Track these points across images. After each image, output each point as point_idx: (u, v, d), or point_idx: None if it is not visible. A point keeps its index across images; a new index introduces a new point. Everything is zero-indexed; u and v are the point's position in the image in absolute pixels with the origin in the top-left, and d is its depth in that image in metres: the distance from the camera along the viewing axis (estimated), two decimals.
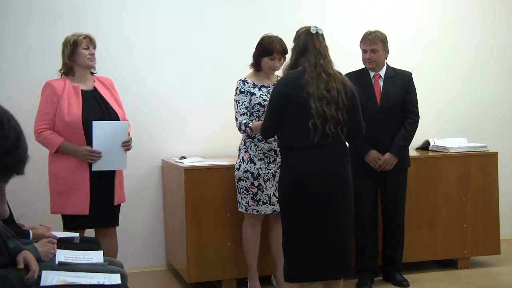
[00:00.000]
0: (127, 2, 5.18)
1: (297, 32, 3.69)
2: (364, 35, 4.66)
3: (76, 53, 4.11)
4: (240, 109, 4.33)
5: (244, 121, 4.29)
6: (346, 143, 3.70)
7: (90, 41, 4.17)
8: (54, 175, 4.13)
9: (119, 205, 4.28)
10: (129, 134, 4.19)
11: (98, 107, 4.13)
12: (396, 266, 4.76)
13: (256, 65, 4.38)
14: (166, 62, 5.28)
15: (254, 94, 4.33)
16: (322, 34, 3.64)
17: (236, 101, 4.36)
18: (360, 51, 4.68)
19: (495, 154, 5.18)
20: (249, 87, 4.35)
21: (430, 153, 5.18)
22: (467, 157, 5.11)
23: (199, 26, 5.34)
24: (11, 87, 4.84)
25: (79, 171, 4.05)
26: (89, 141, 4.03)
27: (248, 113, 4.32)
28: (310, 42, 3.57)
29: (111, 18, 5.10)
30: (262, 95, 4.33)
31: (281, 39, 4.32)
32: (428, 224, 5.00)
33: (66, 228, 4.08)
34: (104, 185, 4.13)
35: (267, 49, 4.30)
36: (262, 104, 4.29)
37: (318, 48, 3.57)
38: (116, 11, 5.13)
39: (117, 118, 4.15)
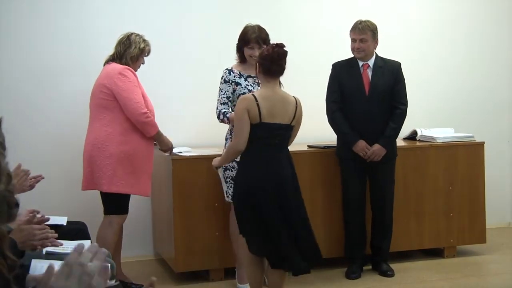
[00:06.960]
0: None
1: None
2: (354, 24, 4.64)
3: (138, 60, 4.38)
4: (222, 98, 4.35)
5: (223, 111, 4.33)
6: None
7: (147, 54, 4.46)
8: (128, 155, 4.22)
9: None
10: None
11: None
12: (383, 255, 4.77)
13: (241, 56, 4.39)
14: (153, 53, 5.23)
15: (240, 84, 4.33)
16: None
17: (220, 89, 4.38)
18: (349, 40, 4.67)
19: (481, 144, 5.21)
20: (234, 76, 4.34)
21: (418, 143, 5.20)
22: (454, 147, 5.14)
23: (185, 15, 5.30)
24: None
25: (150, 156, 4.37)
26: None
27: (229, 103, 4.35)
28: None
29: (94, 7, 5.05)
30: (248, 85, 4.33)
31: (259, 28, 4.33)
32: (415, 214, 5.02)
33: (114, 211, 4.30)
34: None
35: (244, 39, 4.32)
36: None
37: None
38: (100, 1, 5.08)
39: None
